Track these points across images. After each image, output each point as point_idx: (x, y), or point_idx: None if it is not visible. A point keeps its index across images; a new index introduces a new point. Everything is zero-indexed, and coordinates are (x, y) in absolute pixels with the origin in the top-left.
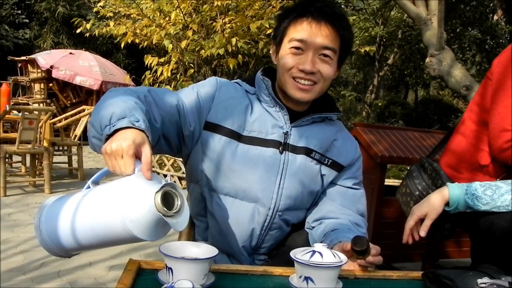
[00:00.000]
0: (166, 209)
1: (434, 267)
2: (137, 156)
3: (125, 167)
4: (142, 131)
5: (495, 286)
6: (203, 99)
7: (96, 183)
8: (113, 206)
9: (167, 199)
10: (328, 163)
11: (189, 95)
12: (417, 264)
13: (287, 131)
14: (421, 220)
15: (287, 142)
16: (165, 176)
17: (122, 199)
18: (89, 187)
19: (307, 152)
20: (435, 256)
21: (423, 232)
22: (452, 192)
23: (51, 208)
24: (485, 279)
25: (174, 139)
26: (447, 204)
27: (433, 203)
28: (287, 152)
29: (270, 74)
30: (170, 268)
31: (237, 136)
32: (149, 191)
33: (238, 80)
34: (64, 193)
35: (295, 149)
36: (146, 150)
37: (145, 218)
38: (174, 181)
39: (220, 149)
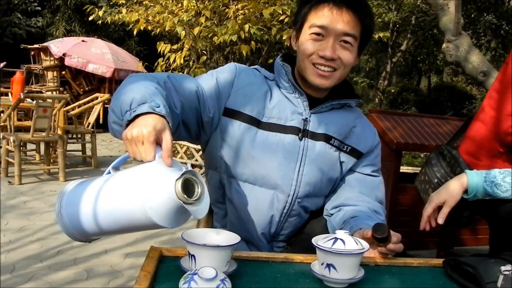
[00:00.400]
0: (186, 197)
1: (449, 254)
2: (158, 143)
3: (146, 154)
4: (163, 116)
5: None
6: (223, 86)
7: (116, 168)
8: (134, 192)
9: (188, 186)
10: (347, 150)
11: (208, 81)
12: (431, 251)
13: (307, 118)
14: (439, 208)
15: (307, 128)
16: None
17: (142, 186)
18: (109, 173)
19: (327, 138)
20: (450, 243)
21: (441, 220)
22: (470, 179)
23: (72, 193)
24: (508, 267)
25: (193, 125)
26: (465, 191)
27: (452, 191)
28: (306, 138)
29: (290, 60)
30: (193, 255)
31: (256, 123)
32: (169, 178)
33: (257, 66)
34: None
35: (314, 136)
36: (167, 137)
37: (166, 205)
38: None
39: (239, 135)
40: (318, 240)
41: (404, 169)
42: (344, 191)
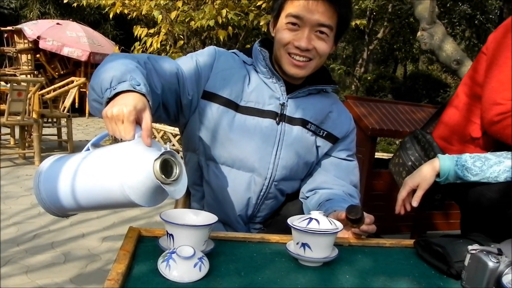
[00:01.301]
0: (164, 177)
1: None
2: (138, 122)
3: (125, 133)
4: (143, 95)
5: (484, 252)
6: (202, 68)
7: (95, 145)
8: (112, 171)
9: (166, 167)
10: (323, 135)
11: (188, 63)
12: (405, 236)
13: (284, 102)
14: (413, 191)
15: (284, 113)
16: None
17: (121, 165)
18: (88, 149)
19: (303, 123)
20: (424, 228)
21: (415, 203)
22: (442, 163)
23: (50, 169)
24: (475, 246)
25: (172, 107)
26: (438, 175)
27: (425, 174)
28: (283, 123)
29: (268, 45)
30: (171, 235)
31: (234, 106)
32: (148, 158)
33: (235, 51)
34: None
35: (291, 120)
36: (147, 117)
37: (143, 184)
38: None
39: (217, 118)
40: (294, 220)
41: (379, 155)
42: (320, 175)
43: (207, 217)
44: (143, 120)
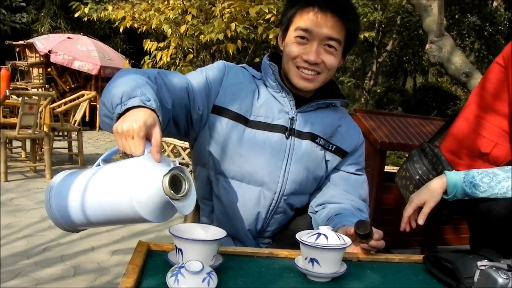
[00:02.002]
0: (173, 193)
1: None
2: (147, 138)
3: (135, 148)
4: (153, 110)
5: (494, 268)
6: (211, 83)
7: (106, 161)
8: (122, 186)
9: (175, 182)
10: (332, 149)
11: (197, 78)
12: (415, 250)
13: (293, 117)
14: (419, 208)
15: (293, 127)
16: None
17: (130, 180)
18: (99, 165)
19: (312, 137)
20: (434, 242)
21: (421, 220)
22: (450, 180)
23: (61, 184)
24: (485, 262)
25: (182, 122)
26: (445, 192)
27: (432, 191)
28: (293, 137)
29: (277, 59)
30: (180, 249)
31: (243, 121)
32: (157, 173)
33: (244, 65)
34: None
35: (300, 135)
36: (156, 132)
37: (152, 200)
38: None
39: (227, 132)
40: (302, 236)
41: (389, 168)
42: (329, 189)
43: (216, 232)
44: (152, 135)
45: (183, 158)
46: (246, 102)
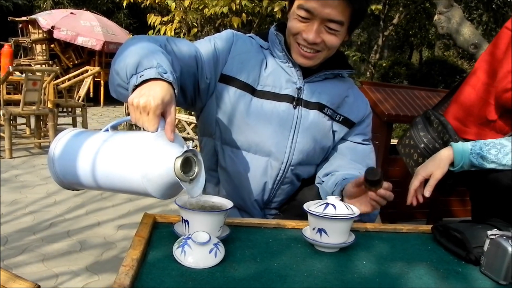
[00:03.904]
0: (183, 174)
1: None
2: (162, 115)
3: (150, 125)
4: (170, 83)
5: (504, 237)
6: (220, 52)
7: (115, 127)
8: (133, 161)
9: (185, 163)
10: (340, 120)
11: (206, 47)
12: (421, 223)
13: (300, 87)
14: (425, 180)
15: (300, 97)
16: None
17: (143, 157)
18: (107, 130)
19: (320, 107)
20: (440, 214)
21: (427, 193)
22: (457, 151)
23: (67, 144)
24: (495, 231)
25: (190, 90)
26: (451, 163)
27: (438, 163)
28: (300, 107)
29: (284, 29)
30: (186, 221)
31: (251, 90)
32: (170, 154)
33: (252, 35)
34: None
35: (308, 105)
36: (172, 110)
37: (162, 179)
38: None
39: (234, 102)
40: (310, 206)
41: (395, 142)
42: (336, 159)
43: (223, 203)
44: (168, 114)
45: (188, 133)
46: (254, 72)
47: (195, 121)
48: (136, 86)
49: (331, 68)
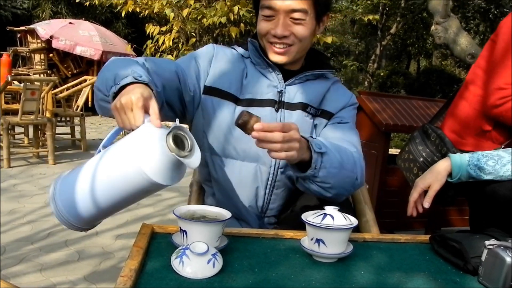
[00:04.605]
0: (179, 149)
1: None
2: (145, 111)
3: (135, 120)
4: (147, 85)
5: (502, 247)
6: (201, 65)
7: (106, 146)
8: (128, 157)
9: (178, 142)
10: (319, 113)
11: (187, 61)
12: (419, 232)
13: (281, 90)
14: (424, 191)
15: (282, 100)
16: None
17: (135, 149)
18: (100, 151)
19: (303, 107)
20: (438, 224)
21: (427, 204)
22: (454, 163)
23: (65, 179)
24: (493, 241)
25: (177, 105)
26: (449, 175)
27: (436, 175)
28: (282, 109)
29: None
30: (185, 231)
31: (234, 99)
32: (160, 135)
33: (234, 46)
34: (68, 164)
35: (290, 106)
36: (153, 103)
37: (161, 161)
38: None
39: (219, 112)
40: (308, 216)
41: (393, 151)
42: None
43: (221, 213)
44: (150, 106)
45: None
46: (236, 81)
47: None
48: (116, 94)
49: (312, 69)
